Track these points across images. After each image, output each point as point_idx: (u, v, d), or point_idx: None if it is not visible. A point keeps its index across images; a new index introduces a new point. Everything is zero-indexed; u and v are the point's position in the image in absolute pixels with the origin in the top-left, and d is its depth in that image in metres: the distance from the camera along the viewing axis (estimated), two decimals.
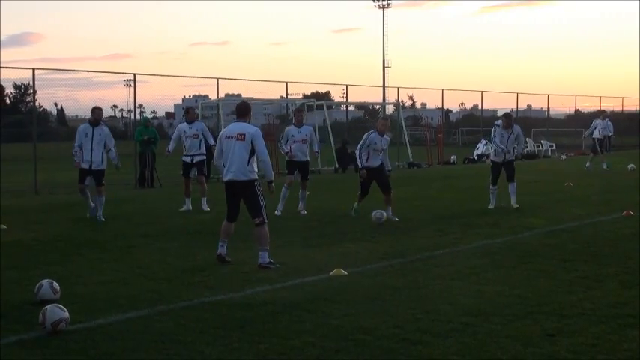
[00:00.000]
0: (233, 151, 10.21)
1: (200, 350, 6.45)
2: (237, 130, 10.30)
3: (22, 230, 13.78)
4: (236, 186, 10.30)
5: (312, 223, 14.53)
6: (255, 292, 8.65)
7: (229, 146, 10.26)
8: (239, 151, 10.18)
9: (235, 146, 10.20)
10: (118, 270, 10.01)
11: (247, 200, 10.34)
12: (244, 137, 10.19)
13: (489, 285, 8.86)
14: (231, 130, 10.38)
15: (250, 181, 10.22)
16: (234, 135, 10.26)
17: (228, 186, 10.39)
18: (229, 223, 10.57)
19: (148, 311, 7.77)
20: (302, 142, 16.10)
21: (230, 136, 10.30)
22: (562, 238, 12.24)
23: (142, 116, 35.46)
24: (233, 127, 10.47)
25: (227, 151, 10.28)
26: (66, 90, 29.08)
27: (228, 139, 10.31)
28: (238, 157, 10.17)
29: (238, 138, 10.21)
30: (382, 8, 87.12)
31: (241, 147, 10.17)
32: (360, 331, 6.97)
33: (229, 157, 10.25)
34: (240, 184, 10.24)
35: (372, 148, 14.82)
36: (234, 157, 10.20)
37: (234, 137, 10.24)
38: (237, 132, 10.27)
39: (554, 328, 7.02)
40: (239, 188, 10.30)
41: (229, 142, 10.28)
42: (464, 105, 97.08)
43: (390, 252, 11.18)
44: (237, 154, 10.18)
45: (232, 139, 10.25)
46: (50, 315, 6.98)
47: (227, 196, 10.51)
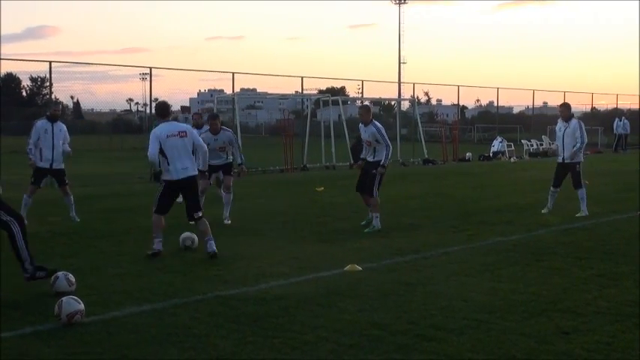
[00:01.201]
0: (180, 148, 10.51)
1: (214, 344, 6.47)
2: (178, 129, 10.67)
3: (37, 223, 13.84)
4: (187, 182, 10.57)
5: (326, 218, 14.53)
6: (269, 286, 8.66)
7: (175, 144, 10.48)
8: (186, 147, 10.58)
9: (180, 143, 10.54)
10: (132, 263, 10.05)
11: (190, 196, 10.66)
12: (187, 134, 10.62)
13: (504, 282, 8.84)
14: (171, 129, 10.61)
15: (196, 177, 10.76)
16: (175, 133, 10.56)
17: (176, 184, 10.56)
18: (160, 215, 10.69)
19: (162, 304, 7.80)
20: (219, 150, 14.11)
21: (172, 135, 10.52)
22: (578, 236, 12.20)
23: None
24: (169, 126, 10.67)
25: (172, 149, 10.46)
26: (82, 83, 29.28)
27: (170, 137, 10.49)
28: (187, 154, 10.59)
29: (181, 135, 10.57)
30: (398, 4, 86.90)
31: (186, 143, 10.59)
32: (374, 326, 6.97)
33: (176, 154, 10.47)
34: (192, 178, 10.61)
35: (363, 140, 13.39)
36: (183, 154, 10.52)
37: (177, 135, 10.54)
38: (179, 130, 10.64)
39: (569, 326, 7.00)
40: (187, 183, 10.60)
41: (173, 140, 10.49)
42: (479, 102, 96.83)
43: (405, 248, 11.17)
44: (185, 151, 10.56)
45: (175, 137, 10.52)
46: (66, 307, 7.01)
47: (169, 192, 10.67)
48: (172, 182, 10.56)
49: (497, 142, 40.83)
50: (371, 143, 13.10)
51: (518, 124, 56.40)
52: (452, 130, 40.87)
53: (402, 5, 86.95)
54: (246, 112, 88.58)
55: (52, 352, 6.27)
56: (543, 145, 44.58)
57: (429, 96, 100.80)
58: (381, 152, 12.97)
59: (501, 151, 39.95)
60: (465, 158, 37.36)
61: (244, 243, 11.63)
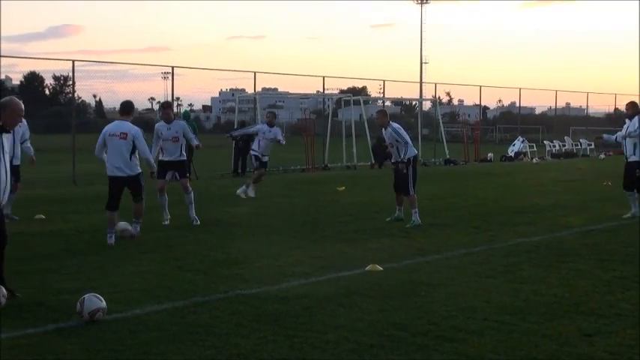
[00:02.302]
0: (117, 148, 11.24)
1: (235, 343, 6.48)
2: (120, 130, 11.28)
3: (60, 220, 13.94)
4: (123, 180, 11.40)
5: (347, 218, 14.52)
6: (290, 285, 8.67)
7: (112, 144, 11.26)
8: (123, 148, 11.22)
9: (118, 144, 11.24)
10: (154, 261, 10.08)
11: (133, 189, 11.63)
12: (126, 136, 11.20)
13: (525, 283, 8.80)
14: (115, 129, 11.32)
15: (137, 175, 11.47)
16: (117, 133, 11.24)
17: (117, 180, 11.40)
18: (113, 212, 11.45)
19: (183, 302, 7.82)
20: (172, 141, 13.77)
21: (113, 134, 11.25)
22: (600, 238, 12.12)
23: (183, 110, 35.64)
24: (117, 125, 11.40)
25: (110, 149, 11.28)
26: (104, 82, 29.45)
27: (111, 136, 11.26)
28: (123, 155, 11.23)
29: (121, 137, 11.21)
30: (420, 4, 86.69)
31: (125, 145, 11.24)
32: (394, 327, 6.96)
33: (112, 154, 11.26)
34: (128, 178, 11.40)
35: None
36: (118, 155, 11.23)
37: (117, 136, 11.22)
38: (120, 131, 11.26)
39: (591, 328, 6.95)
40: (126, 182, 11.45)
41: (112, 139, 11.26)
42: (501, 102, 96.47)
43: (426, 248, 11.15)
44: (121, 152, 11.23)
45: (115, 137, 11.23)
46: (88, 304, 7.05)
47: (111, 188, 11.48)
48: (110, 178, 11.46)
49: (518, 142, 40.65)
50: (393, 145, 13.86)
51: (541, 124, 56.13)
52: (473, 130, 40.79)
53: (424, 5, 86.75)
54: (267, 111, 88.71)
55: (74, 350, 6.30)
56: (566, 146, 44.37)
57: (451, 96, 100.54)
58: (401, 151, 13.69)
59: (523, 152, 39.78)
60: (486, 159, 37.25)
61: (265, 242, 11.64)
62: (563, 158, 40.43)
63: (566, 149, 43.80)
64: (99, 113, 73.10)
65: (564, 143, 44.72)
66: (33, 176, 24.06)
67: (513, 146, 40.48)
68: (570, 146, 44.65)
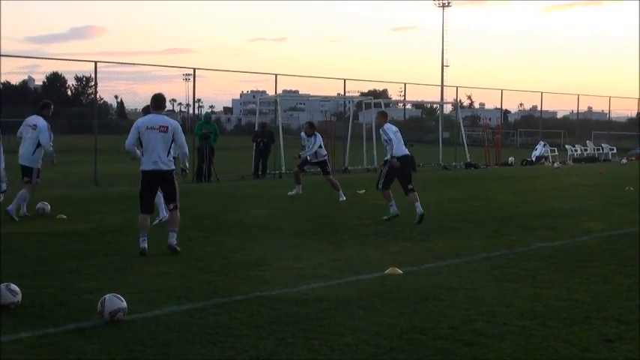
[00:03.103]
0: (156, 141, 10.67)
1: (254, 344, 6.49)
2: (160, 122, 10.76)
3: (81, 220, 14.01)
4: (157, 174, 10.77)
5: (367, 221, 14.51)
6: (310, 288, 8.67)
7: (150, 137, 10.69)
8: (162, 142, 10.68)
9: (158, 137, 10.68)
10: (175, 262, 10.11)
11: (166, 188, 10.98)
12: (167, 129, 10.70)
13: (546, 288, 8.76)
14: (152, 122, 10.79)
15: (171, 171, 10.86)
16: (156, 126, 10.71)
17: (150, 174, 10.79)
18: (145, 215, 10.90)
19: (203, 304, 7.84)
20: None
21: (152, 127, 10.71)
22: (622, 243, 12.04)
23: (205, 112, 35.79)
24: (153, 118, 10.85)
25: (148, 142, 10.70)
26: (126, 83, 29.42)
27: (149, 129, 10.71)
28: (162, 148, 10.69)
29: (161, 129, 10.69)
30: (442, 7, 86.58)
31: (165, 138, 10.69)
32: (414, 330, 6.95)
33: (150, 147, 10.69)
34: (163, 173, 10.77)
35: None
36: (157, 148, 10.67)
37: (157, 129, 10.69)
38: (160, 124, 10.74)
39: (612, 334, 6.91)
40: (160, 177, 10.81)
41: (151, 132, 10.69)
42: (523, 106, 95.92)
43: (446, 252, 11.12)
44: (161, 145, 10.67)
45: (154, 130, 10.69)
46: (108, 304, 7.08)
47: (144, 185, 10.88)
48: (145, 172, 10.83)
49: (540, 146, 40.50)
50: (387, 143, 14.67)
51: (562, 128, 55.90)
52: (494, 134, 40.64)
53: (445, 8, 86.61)
54: (288, 113, 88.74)
55: (94, 350, 6.33)
56: (588, 150, 44.15)
57: (472, 99, 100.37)
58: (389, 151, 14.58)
59: (544, 156, 39.61)
60: (507, 162, 37.12)
61: (285, 244, 11.66)
62: (584, 163, 40.25)
63: (587, 154, 43.59)
64: (120, 114, 73.49)
65: (586, 147, 44.51)
66: (55, 176, 24.25)
67: (535, 150, 40.33)
68: (592, 150, 44.42)
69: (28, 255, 10.50)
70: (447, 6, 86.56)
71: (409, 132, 41.44)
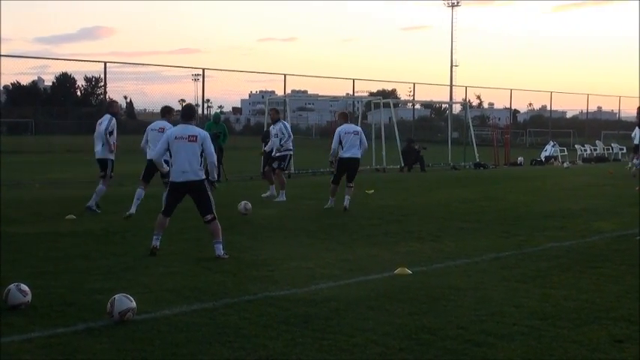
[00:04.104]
0: (185, 151, 10.53)
1: (263, 344, 6.49)
2: (189, 132, 10.63)
3: (91, 220, 14.05)
4: (188, 186, 10.64)
5: (376, 221, 14.51)
6: (319, 288, 8.68)
7: (179, 147, 10.57)
8: (191, 152, 10.54)
9: (187, 147, 10.55)
10: (184, 262, 10.13)
11: (199, 199, 10.76)
12: (196, 139, 10.57)
13: (556, 289, 8.74)
14: (182, 132, 10.68)
15: (202, 181, 10.69)
16: (185, 136, 10.59)
17: (180, 186, 10.67)
18: (166, 217, 10.87)
19: (212, 304, 7.85)
20: None
21: (181, 137, 10.60)
22: (631, 243, 12.00)
23: (214, 112, 35.82)
24: (183, 128, 10.74)
25: (177, 152, 10.58)
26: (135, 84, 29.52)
27: (178, 139, 10.60)
28: (192, 158, 10.54)
29: (190, 139, 10.56)
30: (451, 6, 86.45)
31: (194, 148, 10.55)
32: (423, 330, 6.94)
33: (180, 157, 10.56)
34: (193, 183, 10.61)
35: None
36: (186, 158, 10.53)
37: (186, 138, 10.57)
38: (189, 134, 10.60)
39: (622, 334, 6.89)
40: (191, 188, 10.67)
41: (180, 142, 10.58)
42: (532, 105, 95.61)
43: (455, 252, 11.11)
44: (190, 155, 10.53)
45: (183, 140, 10.57)
46: (118, 304, 7.10)
47: (172, 194, 10.83)
48: (173, 184, 10.76)
49: (549, 146, 40.45)
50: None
51: (572, 128, 55.78)
52: (504, 133, 40.56)
53: (455, 7, 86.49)
54: (297, 113, 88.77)
55: (104, 349, 6.35)
56: (597, 150, 44.04)
57: (481, 99, 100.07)
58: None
59: (554, 156, 39.53)
60: (516, 162, 37.05)
61: (294, 244, 11.66)
62: (594, 163, 40.12)
63: (597, 153, 43.47)
64: (129, 114, 73.68)
65: (595, 147, 44.39)
66: (65, 177, 24.31)
67: (545, 150, 40.26)
68: (601, 150, 44.30)
69: (38, 255, 10.54)
70: (456, 5, 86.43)
71: (418, 132, 41.41)
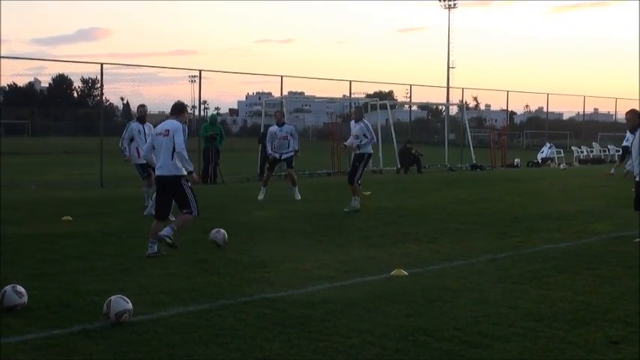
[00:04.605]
0: (160, 147, 10.64)
1: (260, 346, 6.49)
2: (165, 127, 10.73)
3: (87, 222, 14.03)
4: (162, 180, 10.72)
5: (372, 222, 14.51)
6: (315, 289, 8.68)
7: (157, 142, 10.74)
8: (165, 146, 10.59)
9: (162, 142, 10.63)
10: (180, 264, 10.12)
11: (175, 195, 10.75)
12: (168, 133, 10.61)
13: (552, 290, 8.75)
14: (161, 127, 10.84)
15: (175, 177, 10.62)
16: (162, 132, 10.70)
17: (158, 180, 10.82)
18: (159, 221, 10.81)
19: (209, 305, 7.85)
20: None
21: (158, 133, 10.77)
22: (628, 245, 12.01)
23: (210, 113, 35.83)
24: (162, 124, 10.95)
25: (156, 148, 10.76)
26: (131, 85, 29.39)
27: (157, 135, 10.79)
28: (164, 153, 10.58)
29: (164, 134, 10.63)
30: (448, 8, 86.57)
31: (166, 142, 10.59)
32: (419, 332, 6.94)
33: (157, 152, 10.73)
34: (166, 179, 10.66)
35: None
36: (160, 153, 10.64)
37: (162, 134, 10.67)
38: (165, 128, 10.70)
39: (618, 335, 6.90)
40: (164, 183, 10.70)
41: (157, 138, 10.74)
42: (529, 107, 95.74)
43: (452, 254, 11.11)
44: (163, 150, 10.60)
45: (160, 136, 10.70)
46: (114, 306, 7.09)
47: (157, 190, 10.94)
48: (156, 178, 10.93)
49: (546, 148, 40.50)
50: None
51: (568, 130, 55.83)
52: (500, 135, 40.60)
53: (451, 9, 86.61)
54: (293, 115, 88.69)
55: (100, 351, 6.35)
56: (594, 152, 44.09)
57: (478, 101, 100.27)
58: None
59: (550, 158, 39.59)
60: (513, 164, 37.08)
61: (291, 246, 11.66)
62: (590, 164, 40.15)
63: (593, 155, 43.52)
64: (126, 116, 73.57)
65: (592, 149, 44.44)
66: (61, 178, 24.29)
67: (542, 152, 40.31)
68: (598, 152, 44.34)
69: (35, 256, 10.53)
70: (452, 7, 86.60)
71: (415, 133, 41.40)
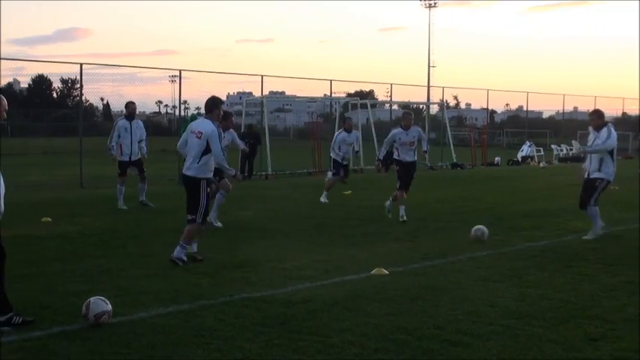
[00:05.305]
0: (191, 146, 10.43)
1: (240, 346, 6.48)
2: (199, 128, 10.45)
3: (67, 223, 13.95)
4: (184, 179, 10.55)
5: (353, 222, 14.52)
6: (295, 289, 8.67)
7: (189, 141, 10.51)
8: (195, 147, 10.36)
9: (194, 143, 10.40)
10: (160, 264, 10.08)
11: (189, 196, 10.50)
12: (201, 135, 10.35)
13: (532, 288, 8.79)
14: (195, 126, 10.59)
15: (197, 179, 10.38)
16: (196, 132, 10.47)
17: (183, 179, 10.64)
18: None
19: (189, 306, 7.82)
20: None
21: (192, 131, 10.53)
22: (607, 243, 12.09)
23: (190, 113, 35.67)
24: (197, 123, 10.67)
25: (188, 146, 10.52)
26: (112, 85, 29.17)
27: (191, 133, 10.53)
28: (193, 154, 10.37)
29: (197, 135, 10.39)
30: (429, 7, 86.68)
31: (197, 144, 10.35)
32: (400, 330, 6.95)
33: (188, 151, 10.52)
34: (187, 178, 10.47)
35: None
36: (190, 153, 10.45)
37: (195, 134, 10.44)
38: (198, 129, 10.44)
39: (597, 333, 6.94)
40: (185, 182, 10.52)
41: (191, 136, 10.51)
42: (509, 106, 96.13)
43: (432, 252, 11.13)
44: (193, 151, 10.38)
45: (193, 135, 10.48)
46: (93, 307, 7.06)
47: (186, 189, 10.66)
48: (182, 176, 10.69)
49: (526, 146, 40.67)
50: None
51: (548, 128, 56.10)
52: (481, 134, 40.77)
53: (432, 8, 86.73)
54: (274, 114, 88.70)
55: (79, 352, 6.31)
56: (573, 150, 44.28)
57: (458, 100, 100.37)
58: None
59: (530, 156, 39.75)
60: (493, 163, 37.20)
61: (271, 245, 11.64)
62: (570, 162, 40.34)
63: (573, 153, 43.69)
64: (106, 116, 73.25)
65: (571, 147, 44.62)
66: (41, 179, 24.14)
67: (522, 151, 40.48)
68: (577, 150, 44.49)
69: (13, 258, 10.40)
70: (433, 6, 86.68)
71: None
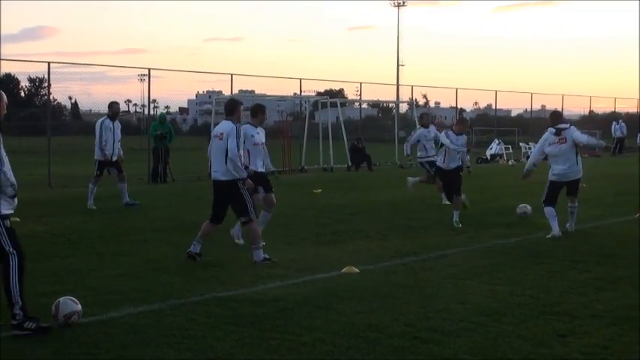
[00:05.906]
0: (215, 150, 10.19)
1: (211, 345, 6.47)
2: (219, 130, 10.24)
3: (35, 223, 13.84)
4: (216, 185, 10.26)
5: (323, 220, 14.53)
6: (266, 288, 8.66)
7: (213, 145, 10.28)
8: (220, 150, 10.11)
9: (218, 146, 10.15)
10: (130, 264, 10.04)
11: (230, 201, 10.24)
12: (222, 136, 10.11)
13: (501, 285, 8.85)
14: (216, 130, 10.38)
15: (231, 181, 10.10)
16: (217, 134, 10.25)
17: (213, 184, 10.34)
18: (210, 223, 10.43)
19: (159, 305, 7.79)
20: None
21: (215, 135, 10.31)
22: (575, 239, 12.20)
23: (159, 112, 35.49)
24: (218, 127, 10.42)
25: (213, 150, 10.30)
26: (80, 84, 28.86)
27: (214, 137, 10.32)
28: (219, 157, 10.12)
29: (220, 137, 10.16)
30: (397, 6, 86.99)
31: (221, 146, 10.09)
32: (371, 328, 6.97)
33: (212, 156, 10.28)
34: (220, 183, 10.20)
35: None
36: (215, 157, 10.19)
37: (218, 137, 10.22)
38: (219, 131, 10.21)
39: (565, 329, 7.01)
40: (218, 188, 10.24)
41: (214, 140, 10.28)
42: (477, 104, 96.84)
43: (402, 250, 11.17)
44: (218, 154, 10.14)
45: (216, 139, 10.25)
46: (63, 307, 7.01)
47: (214, 196, 10.39)
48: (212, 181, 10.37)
49: (494, 144, 40.89)
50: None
51: (516, 127, 56.45)
52: None
53: (401, 7, 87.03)
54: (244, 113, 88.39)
55: (49, 353, 6.27)
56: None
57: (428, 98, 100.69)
58: None
59: (499, 154, 39.99)
60: None
61: (242, 245, 11.60)
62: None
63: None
64: (75, 115, 72.66)
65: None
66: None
67: (491, 149, 40.70)
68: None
69: None
70: (402, 5, 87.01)
71: (365, 131, 41.54)
